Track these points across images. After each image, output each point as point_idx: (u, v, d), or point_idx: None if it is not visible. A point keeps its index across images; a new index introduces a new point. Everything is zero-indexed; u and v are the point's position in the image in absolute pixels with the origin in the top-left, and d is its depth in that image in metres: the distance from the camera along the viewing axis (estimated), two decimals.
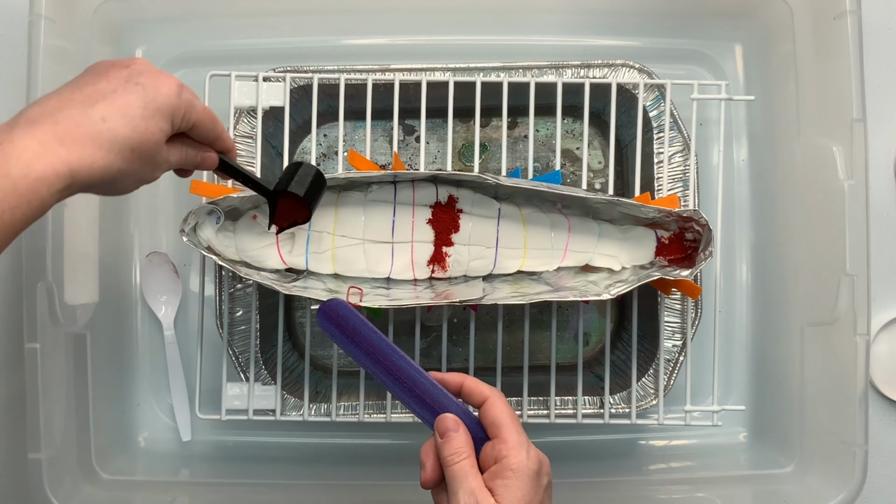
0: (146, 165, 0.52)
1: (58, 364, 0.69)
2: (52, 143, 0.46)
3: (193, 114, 0.54)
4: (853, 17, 0.68)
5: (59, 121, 0.47)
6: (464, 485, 0.51)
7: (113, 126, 0.48)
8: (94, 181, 0.49)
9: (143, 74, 0.51)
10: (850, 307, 0.68)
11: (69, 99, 0.49)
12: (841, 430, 0.69)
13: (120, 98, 0.49)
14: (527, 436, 0.53)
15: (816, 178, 0.71)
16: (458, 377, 0.56)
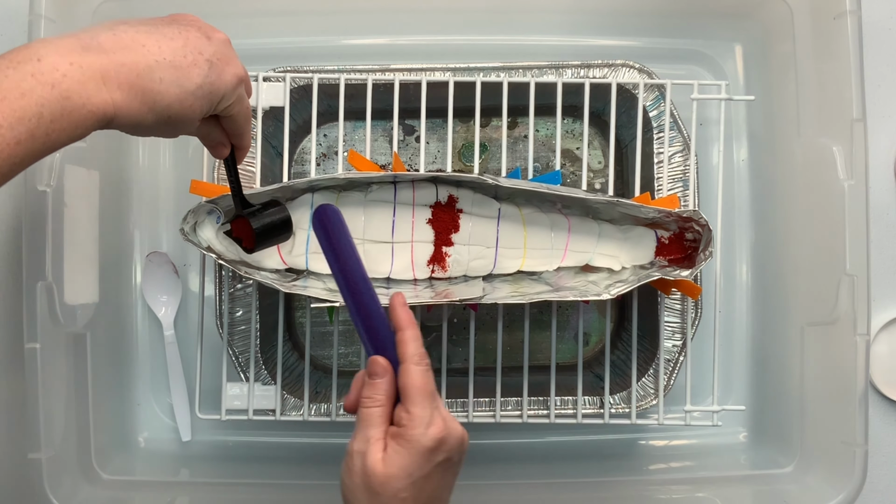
0: (174, 129, 0.53)
1: (58, 364, 0.69)
2: (112, 84, 0.48)
3: (235, 108, 0.55)
4: (853, 17, 0.68)
5: (126, 63, 0.48)
6: (364, 430, 0.52)
7: (165, 91, 0.50)
8: (128, 126, 0.50)
9: (218, 52, 0.52)
10: (850, 307, 0.68)
11: (144, 44, 0.49)
12: (841, 430, 0.69)
13: (184, 66, 0.50)
14: (436, 408, 0.52)
15: (816, 178, 0.71)
16: (402, 323, 0.54)
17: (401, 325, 0.54)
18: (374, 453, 0.51)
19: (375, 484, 0.50)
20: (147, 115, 0.50)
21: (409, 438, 0.51)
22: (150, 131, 0.52)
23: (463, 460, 0.54)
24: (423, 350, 0.54)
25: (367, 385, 0.54)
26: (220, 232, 0.68)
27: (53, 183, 0.66)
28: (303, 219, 0.71)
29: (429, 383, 0.53)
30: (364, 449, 0.51)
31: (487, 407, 0.75)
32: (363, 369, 0.55)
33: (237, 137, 0.59)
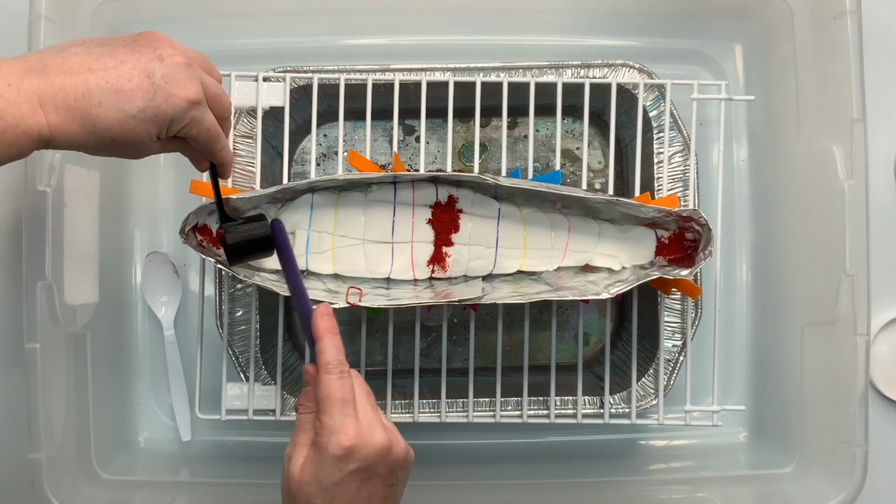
0: (126, 151, 0.53)
1: (58, 364, 0.69)
2: (49, 106, 0.49)
3: (194, 130, 0.54)
4: (853, 17, 0.68)
5: (64, 87, 0.49)
6: (295, 436, 0.54)
7: (104, 114, 0.50)
8: (71, 147, 0.51)
9: (167, 77, 0.51)
10: (850, 307, 0.68)
11: (86, 66, 0.50)
12: (841, 430, 0.69)
13: (127, 91, 0.50)
14: (349, 416, 0.52)
15: (816, 178, 0.71)
16: (319, 332, 0.55)
17: (317, 336, 0.55)
18: (296, 458, 0.53)
19: (293, 488, 0.53)
20: (88, 138, 0.50)
21: (319, 446, 0.52)
22: (99, 152, 0.52)
23: (399, 473, 0.53)
24: (340, 357, 0.54)
25: (303, 392, 0.56)
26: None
27: (53, 183, 0.66)
28: (303, 219, 0.71)
29: (339, 390, 0.53)
30: (290, 453, 0.54)
31: (487, 407, 0.75)
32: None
33: (209, 155, 0.57)
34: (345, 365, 0.54)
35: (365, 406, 0.53)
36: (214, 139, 0.56)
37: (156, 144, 0.54)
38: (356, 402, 0.53)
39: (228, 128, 0.59)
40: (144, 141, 0.52)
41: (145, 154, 0.54)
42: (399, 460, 0.53)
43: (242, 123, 0.75)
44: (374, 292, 0.69)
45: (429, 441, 0.80)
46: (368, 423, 0.52)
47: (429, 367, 0.80)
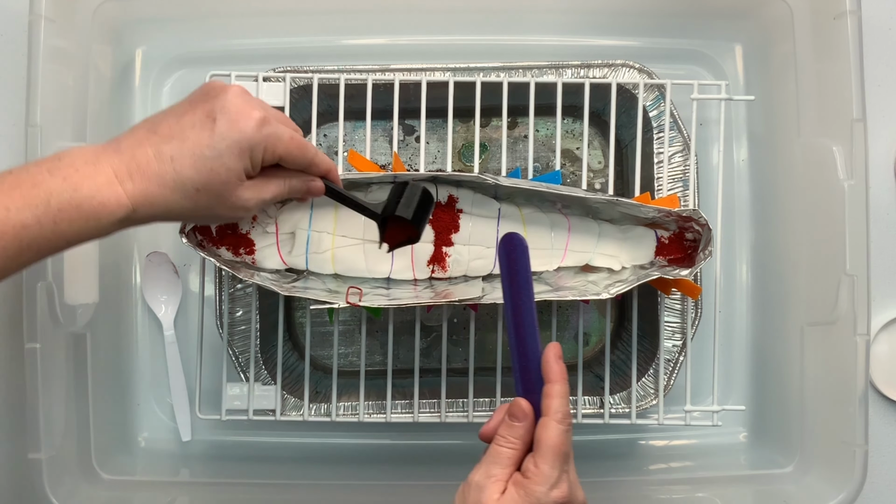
0: (218, 204, 0.53)
1: (58, 364, 0.69)
2: (123, 176, 0.50)
3: (279, 146, 0.54)
4: (853, 17, 0.68)
5: (136, 156, 0.51)
6: (489, 466, 0.52)
7: (179, 167, 0.51)
8: (157, 216, 0.52)
9: (226, 108, 0.51)
10: (850, 307, 0.68)
11: (153, 133, 0.51)
12: (841, 430, 0.69)
13: (193, 136, 0.51)
14: (567, 471, 0.52)
15: (816, 178, 0.71)
16: (553, 376, 0.54)
17: (551, 378, 0.54)
18: (491, 492, 0.51)
19: None
20: (172, 196, 0.51)
21: (529, 492, 0.51)
22: (195, 213, 0.53)
23: None
24: (568, 409, 0.53)
25: (506, 424, 0.54)
26: (382, 248, 0.65)
27: None
28: (303, 219, 0.71)
29: (565, 443, 0.53)
30: (483, 484, 0.52)
31: (487, 407, 0.75)
32: (508, 402, 0.55)
33: (310, 168, 0.57)
34: (570, 417, 0.54)
35: (573, 461, 0.54)
36: (304, 147, 0.56)
37: (251, 187, 0.53)
38: (571, 458, 0.53)
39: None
40: (231, 181, 0.52)
41: (243, 203, 0.53)
42: None
43: None
44: (374, 292, 0.69)
45: (429, 441, 0.80)
46: (575, 480, 0.53)
47: (429, 367, 0.80)
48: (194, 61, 0.81)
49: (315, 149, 0.57)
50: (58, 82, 0.68)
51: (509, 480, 0.52)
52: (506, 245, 0.57)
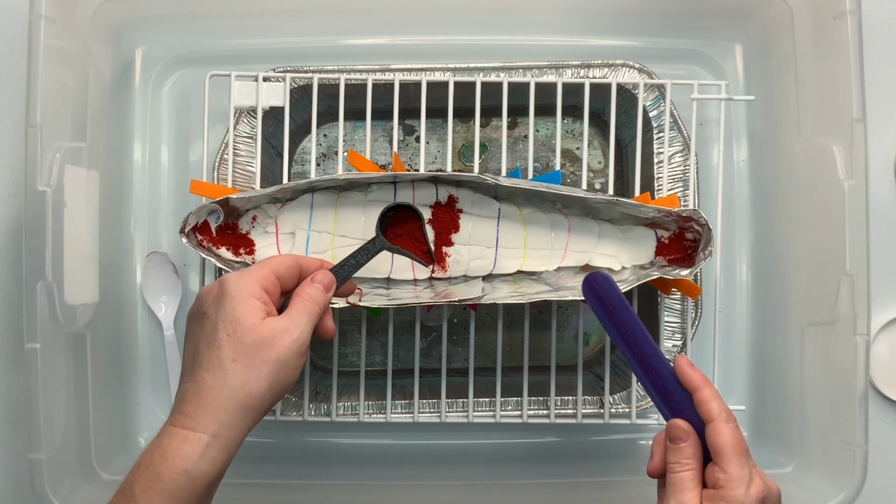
0: (299, 365, 0.54)
1: (58, 364, 0.69)
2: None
3: (281, 275, 0.56)
4: (853, 17, 0.68)
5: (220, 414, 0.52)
6: (678, 496, 0.51)
7: (254, 389, 0.52)
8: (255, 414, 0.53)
9: (221, 319, 0.53)
10: (850, 307, 0.68)
11: (191, 381, 0.53)
12: (841, 430, 0.69)
13: (234, 367, 0.52)
14: (752, 465, 0.52)
15: (816, 178, 0.71)
16: (697, 383, 0.53)
17: (696, 385, 0.53)
18: None
19: None
20: (267, 394, 0.53)
21: (730, 500, 0.50)
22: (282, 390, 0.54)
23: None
24: (727, 406, 0.53)
25: (672, 450, 0.53)
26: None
27: (53, 183, 0.66)
28: (303, 219, 0.71)
29: (741, 440, 0.52)
30: None
31: (487, 407, 0.75)
32: (661, 432, 0.54)
33: (304, 272, 0.58)
34: (733, 414, 0.53)
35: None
36: (289, 266, 0.57)
37: (286, 331, 0.53)
38: (749, 451, 0.53)
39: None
40: (291, 344, 0.53)
41: (307, 349, 0.55)
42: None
43: (242, 123, 0.75)
44: (374, 292, 0.69)
45: (429, 441, 0.80)
46: (762, 472, 0.52)
47: (429, 367, 0.80)
48: (194, 61, 0.81)
49: (291, 259, 0.58)
50: (58, 82, 0.68)
51: (703, 500, 0.51)
52: (591, 287, 0.57)
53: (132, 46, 0.81)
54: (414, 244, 0.65)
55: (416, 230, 0.64)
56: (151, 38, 0.81)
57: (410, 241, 0.65)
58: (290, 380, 0.54)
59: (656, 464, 0.54)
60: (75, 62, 0.71)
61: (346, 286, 0.61)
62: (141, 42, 0.81)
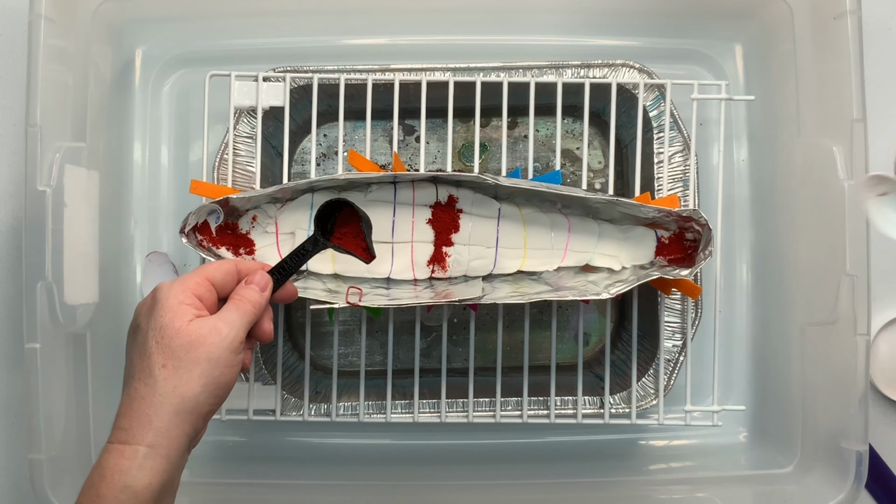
0: (233, 362, 0.54)
1: (58, 364, 0.69)
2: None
3: (216, 281, 0.56)
4: (853, 17, 0.68)
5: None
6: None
7: (186, 392, 0.52)
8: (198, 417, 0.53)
9: (151, 328, 0.53)
10: (850, 307, 0.68)
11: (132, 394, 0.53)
12: (841, 431, 0.69)
13: (171, 375, 0.52)
14: None
15: (816, 178, 0.71)
16: None
17: None
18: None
19: None
20: (201, 395, 0.52)
21: None
22: (220, 394, 0.54)
23: None
24: None
25: None
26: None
27: (53, 183, 0.66)
28: (303, 219, 0.71)
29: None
30: None
31: (487, 407, 0.75)
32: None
33: (241, 273, 0.58)
34: None
35: None
36: (225, 271, 0.57)
37: (214, 329, 0.53)
38: None
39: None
40: (224, 355, 0.53)
41: (241, 352, 0.55)
42: None
43: (242, 123, 0.75)
44: (374, 292, 0.69)
45: (429, 441, 0.80)
46: None
47: (429, 367, 0.80)
48: (194, 61, 0.81)
49: (227, 264, 0.58)
50: (58, 82, 0.68)
51: None
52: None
53: (132, 46, 0.81)
54: (355, 242, 0.64)
55: (357, 228, 0.63)
56: (151, 38, 0.81)
57: (354, 239, 0.64)
58: (225, 379, 0.53)
59: None
60: (75, 62, 0.71)
61: (286, 289, 0.61)
62: (141, 42, 0.81)
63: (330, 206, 0.63)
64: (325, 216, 0.63)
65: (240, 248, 0.70)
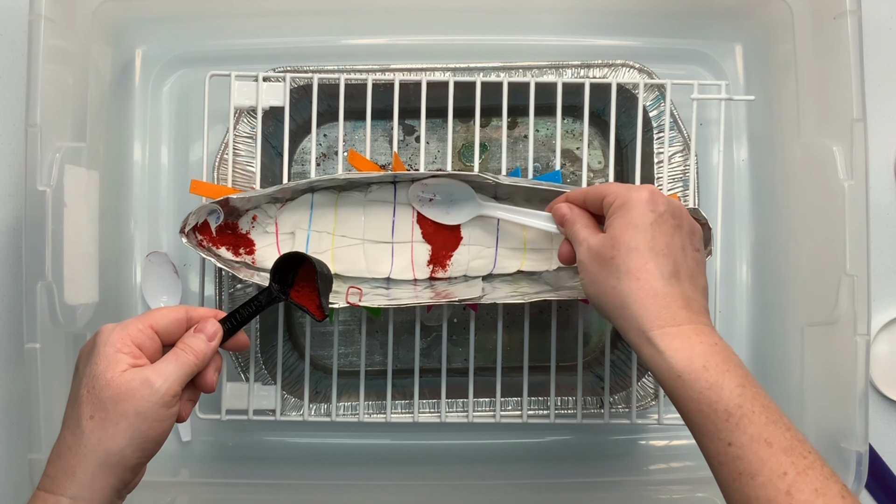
0: (163, 417, 0.53)
1: (58, 364, 0.69)
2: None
3: (161, 329, 0.54)
4: (853, 17, 0.68)
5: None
6: (577, 235, 0.60)
7: (111, 446, 0.51)
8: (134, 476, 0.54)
9: (85, 375, 0.52)
10: (850, 307, 0.68)
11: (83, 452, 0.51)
12: (841, 431, 0.69)
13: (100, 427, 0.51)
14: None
15: (816, 178, 0.71)
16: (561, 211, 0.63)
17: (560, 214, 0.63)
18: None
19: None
20: (126, 451, 0.51)
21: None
22: (146, 447, 0.53)
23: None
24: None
25: (567, 226, 0.62)
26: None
27: (53, 183, 0.66)
28: (303, 219, 0.71)
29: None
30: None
31: (487, 407, 0.75)
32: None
33: (191, 320, 0.57)
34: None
35: None
36: (172, 317, 0.56)
37: (168, 394, 0.52)
38: None
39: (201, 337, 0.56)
40: (167, 415, 0.53)
41: (174, 402, 0.53)
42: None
43: (242, 123, 0.75)
44: (374, 292, 0.69)
45: (429, 441, 0.80)
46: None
47: (429, 367, 0.80)
48: (194, 61, 0.81)
49: (174, 311, 0.56)
50: (58, 82, 0.68)
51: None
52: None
53: (132, 46, 0.81)
54: (310, 298, 0.62)
55: (314, 284, 0.61)
56: (151, 38, 0.81)
57: (311, 294, 0.61)
58: (153, 433, 0.52)
59: (562, 251, 0.62)
60: (75, 62, 0.71)
61: (237, 339, 0.58)
62: (141, 42, 0.81)
63: (289, 260, 0.60)
64: (284, 268, 0.61)
65: (240, 248, 0.70)
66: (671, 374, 0.51)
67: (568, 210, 0.61)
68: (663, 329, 0.52)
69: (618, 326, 0.55)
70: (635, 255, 0.54)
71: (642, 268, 0.54)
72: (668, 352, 0.51)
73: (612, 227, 0.56)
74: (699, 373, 0.51)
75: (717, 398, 0.50)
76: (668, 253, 0.54)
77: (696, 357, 0.51)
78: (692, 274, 0.55)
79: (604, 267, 0.55)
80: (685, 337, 0.52)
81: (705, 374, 0.50)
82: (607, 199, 0.58)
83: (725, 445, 0.49)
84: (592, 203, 0.60)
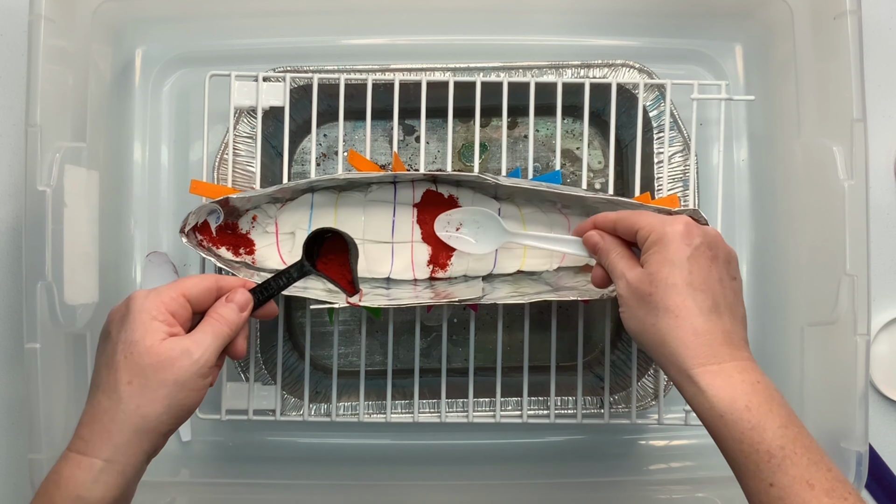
0: (200, 386, 0.54)
1: (58, 364, 0.69)
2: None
3: (193, 297, 0.55)
4: (853, 17, 0.68)
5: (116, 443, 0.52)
6: (615, 267, 0.60)
7: (148, 412, 0.51)
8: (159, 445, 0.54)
9: (120, 341, 0.53)
10: (850, 307, 0.68)
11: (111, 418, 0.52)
12: (841, 431, 0.69)
13: (127, 394, 0.51)
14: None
15: (816, 178, 0.71)
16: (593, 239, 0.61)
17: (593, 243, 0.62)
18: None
19: None
20: (161, 414, 0.52)
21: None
22: (181, 414, 0.53)
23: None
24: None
25: (600, 255, 0.62)
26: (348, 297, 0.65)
27: (53, 183, 0.66)
28: (303, 219, 0.71)
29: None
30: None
31: (487, 407, 0.75)
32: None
33: (220, 290, 0.57)
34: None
35: None
36: (203, 287, 0.56)
37: (188, 351, 0.53)
38: None
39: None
40: (190, 367, 0.53)
41: (208, 369, 0.54)
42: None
43: (242, 123, 0.75)
44: (374, 292, 0.69)
45: (429, 441, 0.80)
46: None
47: (429, 367, 0.80)
48: (194, 61, 0.81)
49: (207, 279, 0.57)
50: (58, 82, 0.68)
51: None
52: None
53: (132, 46, 0.81)
54: (341, 272, 0.63)
55: (345, 258, 0.62)
56: (151, 38, 0.81)
57: (339, 268, 0.63)
58: (189, 402, 0.53)
59: (595, 275, 0.62)
60: (75, 62, 0.71)
61: (266, 308, 0.59)
62: (141, 42, 0.81)
63: (320, 234, 0.62)
64: (313, 242, 0.62)
65: (240, 248, 0.70)
66: (713, 414, 0.51)
67: (599, 238, 0.60)
68: (704, 367, 0.52)
69: (658, 363, 0.55)
70: (673, 292, 0.54)
71: (681, 305, 0.54)
72: (710, 391, 0.51)
73: (648, 262, 0.56)
74: (741, 413, 0.51)
75: (759, 439, 0.50)
76: (706, 288, 0.54)
77: (738, 397, 0.51)
78: (731, 305, 0.56)
79: (643, 303, 0.55)
80: (727, 375, 0.52)
81: (748, 414, 0.51)
82: (641, 232, 0.57)
83: (767, 486, 0.49)
84: (624, 232, 0.59)
